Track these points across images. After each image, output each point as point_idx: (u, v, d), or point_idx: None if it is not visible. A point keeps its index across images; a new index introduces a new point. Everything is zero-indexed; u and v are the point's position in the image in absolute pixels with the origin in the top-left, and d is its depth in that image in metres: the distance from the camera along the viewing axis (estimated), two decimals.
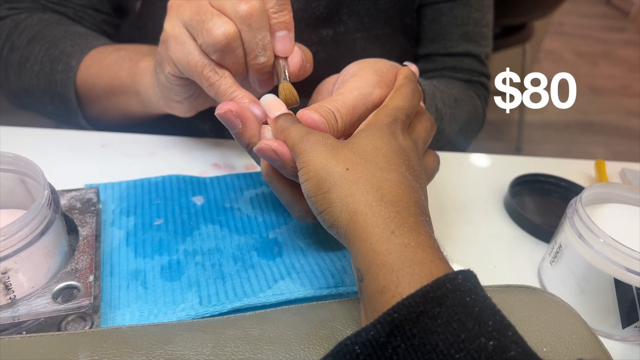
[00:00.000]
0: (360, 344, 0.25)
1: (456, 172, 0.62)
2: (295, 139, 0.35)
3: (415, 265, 0.28)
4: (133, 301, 0.38)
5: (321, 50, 0.63)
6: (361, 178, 0.32)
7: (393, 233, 0.29)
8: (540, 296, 0.36)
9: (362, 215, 0.31)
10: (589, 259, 0.41)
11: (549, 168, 0.61)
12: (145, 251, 0.43)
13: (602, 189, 0.46)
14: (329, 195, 0.32)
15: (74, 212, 0.41)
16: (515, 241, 0.52)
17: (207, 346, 0.31)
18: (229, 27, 0.40)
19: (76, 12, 0.65)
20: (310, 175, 0.34)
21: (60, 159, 0.54)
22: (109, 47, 0.59)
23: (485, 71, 0.73)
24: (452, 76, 0.70)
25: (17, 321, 0.33)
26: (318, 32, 0.63)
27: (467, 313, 0.25)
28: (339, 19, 0.63)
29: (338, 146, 0.35)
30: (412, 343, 0.24)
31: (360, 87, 0.40)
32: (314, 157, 0.34)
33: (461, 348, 0.24)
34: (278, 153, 0.36)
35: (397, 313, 0.25)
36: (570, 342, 0.32)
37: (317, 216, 0.34)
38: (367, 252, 0.29)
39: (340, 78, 0.44)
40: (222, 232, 0.46)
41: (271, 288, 0.40)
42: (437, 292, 0.25)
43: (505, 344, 0.24)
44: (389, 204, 0.31)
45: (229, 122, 0.39)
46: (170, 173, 0.52)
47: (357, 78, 0.41)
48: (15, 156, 0.38)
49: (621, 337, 0.42)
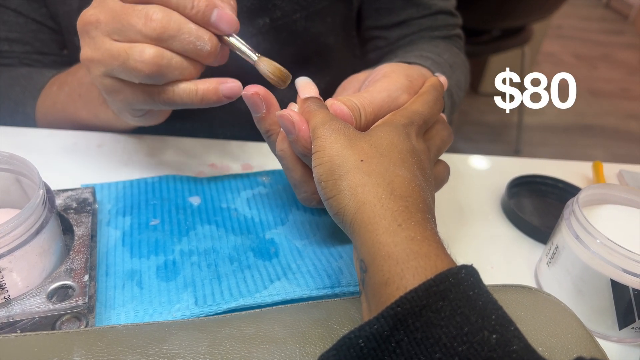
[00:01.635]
0: (364, 338, 0.25)
1: (454, 174, 0.61)
2: (318, 122, 0.36)
3: (420, 258, 0.28)
4: (128, 301, 0.38)
5: (262, 40, 0.62)
6: (374, 171, 0.33)
7: (400, 226, 0.29)
8: (536, 296, 0.36)
9: (370, 206, 0.31)
10: (585, 260, 0.41)
11: (546, 169, 0.61)
12: (141, 251, 0.42)
13: (599, 190, 0.46)
14: (339, 182, 0.33)
15: (69, 212, 0.41)
16: (512, 242, 0.52)
17: (202, 345, 0.31)
18: (150, 51, 0.38)
19: (21, 61, 0.63)
20: (324, 160, 0.34)
21: (56, 159, 0.54)
22: (53, 86, 0.59)
23: (457, 22, 0.74)
24: (431, 35, 0.71)
25: (11, 321, 0.33)
26: (254, 23, 0.61)
27: (471, 307, 0.25)
28: (272, 4, 0.61)
29: (356, 137, 0.35)
30: (416, 337, 0.25)
31: (390, 89, 0.41)
32: (332, 143, 0.34)
33: (464, 341, 0.24)
34: (296, 126, 0.36)
35: (400, 307, 0.25)
36: (566, 341, 0.32)
37: (325, 202, 0.34)
38: (373, 243, 0.29)
39: (371, 76, 0.44)
40: (219, 233, 0.45)
41: (267, 288, 0.40)
42: (440, 286, 0.25)
43: (508, 337, 0.25)
44: (398, 198, 0.31)
45: (254, 105, 0.39)
46: (167, 173, 0.52)
47: (388, 80, 0.42)
48: (10, 155, 0.37)
49: (618, 338, 0.42)
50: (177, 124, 0.67)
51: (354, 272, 0.42)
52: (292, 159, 0.39)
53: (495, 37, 1.83)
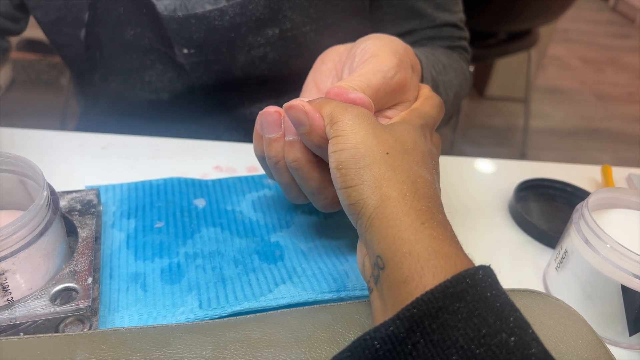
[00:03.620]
0: (380, 339, 0.25)
1: (461, 177, 0.61)
2: (335, 108, 0.34)
3: (441, 257, 0.27)
4: (132, 304, 0.38)
5: (270, 50, 0.61)
6: (399, 166, 0.32)
7: (423, 224, 0.29)
8: (545, 300, 0.35)
9: (394, 201, 0.30)
10: (595, 264, 0.40)
11: (554, 173, 0.60)
12: (146, 254, 0.42)
13: (608, 194, 0.45)
14: (363, 172, 0.32)
15: (73, 214, 0.41)
16: (520, 247, 0.52)
17: (206, 349, 0.30)
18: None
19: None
20: (348, 146, 0.33)
21: (60, 161, 0.54)
22: None
23: (463, 35, 0.72)
24: (433, 45, 0.70)
25: (14, 323, 0.32)
26: (263, 33, 0.60)
27: (489, 308, 0.25)
28: (282, 15, 0.60)
29: (380, 127, 0.34)
30: (432, 339, 0.24)
31: (383, 70, 0.39)
32: (356, 129, 0.33)
33: (482, 343, 0.23)
34: (309, 115, 0.35)
35: (417, 309, 0.25)
36: (575, 347, 0.32)
37: (341, 190, 0.33)
38: (394, 239, 0.29)
39: (357, 53, 0.43)
40: (224, 235, 0.45)
41: (272, 292, 0.39)
42: (457, 287, 0.25)
43: (527, 340, 0.24)
44: (421, 198, 0.31)
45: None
46: (172, 175, 0.52)
47: (378, 59, 0.40)
48: (14, 156, 0.37)
49: (628, 344, 0.41)
50: (182, 127, 0.67)
51: (360, 276, 0.41)
52: (308, 167, 0.37)
53: (502, 40, 1.83)
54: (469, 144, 2.35)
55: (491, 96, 2.66)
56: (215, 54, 0.60)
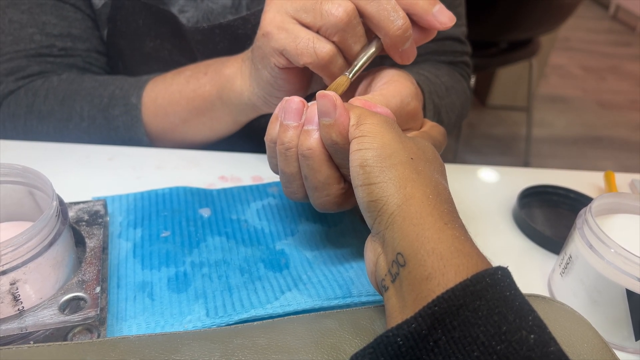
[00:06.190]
0: (402, 336, 0.26)
1: (465, 185, 0.61)
2: (363, 111, 0.36)
3: (463, 256, 0.28)
4: (140, 313, 0.38)
5: None
6: (423, 171, 0.33)
7: (446, 225, 0.30)
8: (550, 305, 0.36)
9: (418, 201, 0.31)
10: (600, 269, 0.40)
11: (557, 180, 0.61)
12: (152, 263, 0.43)
13: (612, 199, 0.46)
14: (387, 171, 0.32)
15: (81, 224, 0.42)
16: (524, 253, 0.52)
17: (214, 355, 0.30)
18: (348, 4, 0.40)
19: (84, 60, 0.63)
20: (375, 145, 0.33)
21: (68, 172, 0.55)
22: (167, 75, 0.58)
23: (465, 49, 0.73)
24: (436, 59, 0.71)
25: (24, 332, 0.33)
26: None
27: (508, 307, 0.25)
28: None
29: (404, 135, 0.36)
30: (453, 335, 0.25)
31: (402, 94, 0.41)
32: (382, 132, 0.34)
33: (502, 340, 0.24)
34: (338, 109, 0.35)
35: (438, 306, 0.25)
36: (581, 351, 0.32)
37: (364, 187, 0.33)
38: (417, 237, 0.29)
39: (377, 78, 0.45)
40: (229, 244, 0.45)
41: (278, 299, 0.40)
42: (477, 286, 0.26)
43: (546, 339, 0.25)
44: (443, 201, 0.32)
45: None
46: (177, 185, 0.52)
47: (399, 85, 0.42)
48: (23, 168, 0.38)
49: (634, 349, 0.41)
50: None
51: (365, 282, 0.41)
52: (320, 159, 0.38)
53: (503, 49, 1.84)
54: (472, 153, 2.35)
55: (494, 105, 2.67)
56: None
